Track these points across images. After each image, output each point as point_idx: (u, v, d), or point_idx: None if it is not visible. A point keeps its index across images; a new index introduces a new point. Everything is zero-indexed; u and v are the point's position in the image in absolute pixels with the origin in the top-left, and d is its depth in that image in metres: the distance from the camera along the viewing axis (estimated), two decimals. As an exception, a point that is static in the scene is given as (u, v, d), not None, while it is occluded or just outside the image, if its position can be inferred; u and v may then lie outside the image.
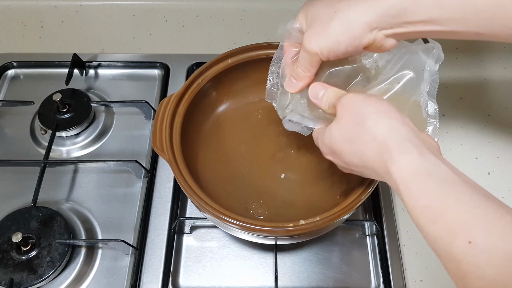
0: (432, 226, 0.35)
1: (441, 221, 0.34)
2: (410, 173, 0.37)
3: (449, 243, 0.33)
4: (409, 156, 0.37)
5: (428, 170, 0.36)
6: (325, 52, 0.44)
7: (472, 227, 0.32)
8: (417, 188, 0.36)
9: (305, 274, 0.61)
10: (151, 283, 0.59)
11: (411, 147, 0.38)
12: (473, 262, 0.32)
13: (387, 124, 0.40)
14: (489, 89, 0.77)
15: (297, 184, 0.61)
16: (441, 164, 0.36)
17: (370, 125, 0.40)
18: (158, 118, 0.56)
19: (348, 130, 0.42)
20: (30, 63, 0.79)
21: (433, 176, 0.36)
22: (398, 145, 0.38)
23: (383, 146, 0.39)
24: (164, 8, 0.87)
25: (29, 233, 0.59)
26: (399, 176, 0.37)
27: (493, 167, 0.69)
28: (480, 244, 0.32)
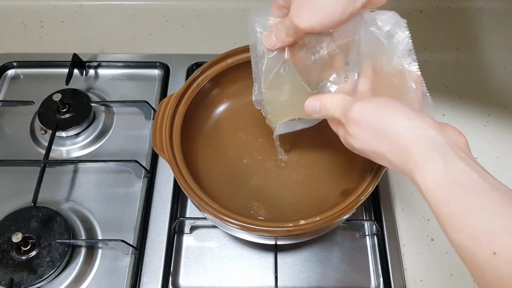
0: (457, 235, 0.34)
1: (466, 230, 0.34)
2: (435, 183, 0.36)
3: (473, 253, 0.33)
4: (434, 165, 0.37)
5: (454, 179, 0.35)
6: (317, 27, 0.43)
7: (496, 238, 0.32)
8: (442, 197, 0.36)
9: (305, 274, 0.61)
10: (151, 283, 0.59)
11: (435, 155, 0.37)
12: (497, 273, 0.32)
13: (410, 132, 0.38)
14: (489, 89, 0.77)
15: (297, 184, 0.61)
16: (468, 171, 0.36)
17: (391, 138, 0.39)
18: (158, 118, 0.56)
19: (368, 144, 0.41)
20: (30, 63, 0.79)
21: (458, 185, 0.35)
22: (422, 154, 0.37)
23: (408, 155, 0.38)
24: (164, 8, 0.87)
25: (29, 233, 0.59)
26: (425, 186, 0.37)
27: (493, 167, 0.69)
28: (504, 255, 0.31)
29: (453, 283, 0.60)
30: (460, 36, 0.84)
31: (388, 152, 0.40)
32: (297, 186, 0.61)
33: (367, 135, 0.41)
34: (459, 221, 0.34)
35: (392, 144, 0.39)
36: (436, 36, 0.84)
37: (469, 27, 0.85)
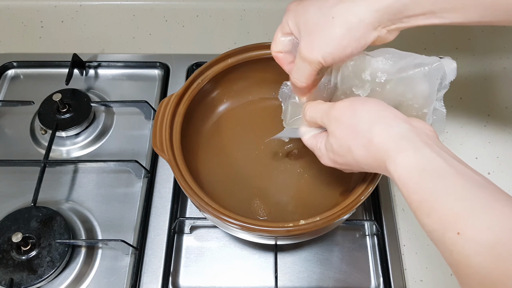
0: (427, 219, 0.36)
1: (434, 214, 0.36)
2: (406, 170, 0.38)
3: (442, 235, 0.35)
4: (404, 155, 0.38)
5: (422, 166, 0.37)
6: (329, 59, 0.44)
7: (460, 219, 0.34)
8: (412, 184, 0.37)
9: (305, 274, 0.61)
10: (151, 283, 0.59)
11: (405, 145, 0.39)
12: (462, 251, 0.33)
13: (380, 124, 0.41)
14: (489, 89, 0.77)
15: (297, 184, 0.61)
16: (435, 157, 0.37)
17: (364, 131, 0.41)
18: (158, 118, 0.56)
19: (346, 140, 0.43)
20: (30, 63, 0.79)
21: (426, 171, 0.37)
22: (393, 146, 0.39)
23: (381, 148, 0.40)
24: (164, 8, 0.87)
25: (29, 233, 0.59)
26: (397, 175, 0.39)
27: (493, 167, 0.69)
28: (467, 234, 0.33)
29: (453, 283, 0.60)
30: (460, 36, 0.84)
31: (361, 146, 0.42)
32: (297, 186, 0.61)
33: (345, 131, 0.43)
34: (428, 206, 0.36)
35: (364, 137, 0.41)
36: (436, 36, 0.84)
37: (469, 27, 0.85)
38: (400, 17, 0.42)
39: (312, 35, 0.44)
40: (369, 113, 0.42)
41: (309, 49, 0.44)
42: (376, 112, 0.42)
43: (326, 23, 0.43)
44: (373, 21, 0.42)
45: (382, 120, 0.41)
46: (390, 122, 0.41)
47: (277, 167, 0.62)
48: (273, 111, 0.66)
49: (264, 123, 0.65)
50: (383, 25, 0.43)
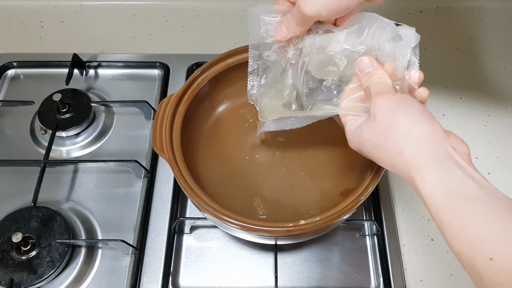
0: (455, 241, 0.36)
1: (463, 237, 0.35)
2: (435, 191, 0.37)
3: (471, 259, 0.34)
4: (434, 174, 0.38)
5: (452, 187, 0.37)
6: (324, 13, 0.44)
7: (492, 245, 0.33)
8: (441, 204, 0.37)
9: (305, 274, 0.61)
10: (151, 283, 0.59)
11: (436, 164, 0.38)
12: (493, 278, 0.33)
13: (416, 137, 0.40)
14: (489, 89, 0.77)
15: (297, 184, 0.61)
16: (466, 179, 0.37)
17: (399, 137, 0.40)
18: (158, 118, 0.56)
19: (377, 137, 0.42)
20: (30, 63, 0.79)
21: (456, 193, 0.36)
22: (424, 162, 0.38)
23: (410, 162, 0.39)
24: (164, 8, 0.87)
25: (29, 233, 0.59)
26: (425, 193, 0.38)
27: (493, 167, 0.69)
28: (499, 261, 0.32)
29: (453, 283, 0.60)
30: (460, 36, 0.84)
31: (391, 152, 0.41)
32: (297, 186, 0.61)
33: (379, 127, 0.42)
34: (457, 228, 0.35)
35: (396, 145, 0.40)
36: (436, 36, 0.84)
37: (469, 27, 0.85)
38: None
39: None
40: (409, 121, 0.41)
41: (305, 4, 0.44)
42: (416, 124, 0.40)
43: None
44: None
45: (419, 134, 0.40)
46: (427, 137, 0.39)
47: (277, 167, 0.62)
48: (273, 111, 0.66)
49: (264, 123, 0.65)
50: None
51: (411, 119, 0.41)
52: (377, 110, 0.42)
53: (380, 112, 0.42)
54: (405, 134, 0.40)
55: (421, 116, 0.41)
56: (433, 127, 0.40)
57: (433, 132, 0.40)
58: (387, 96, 0.43)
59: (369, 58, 0.46)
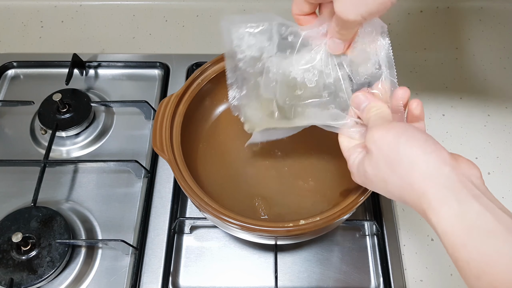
0: (476, 282, 0.34)
1: (484, 278, 0.33)
2: (451, 226, 0.35)
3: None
4: (449, 208, 0.35)
5: (469, 222, 0.34)
6: (367, 16, 0.41)
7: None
8: (459, 242, 0.35)
9: (305, 274, 0.61)
10: (151, 283, 0.59)
11: (449, 196, 0.36)
12: None
13: (423, 168, 0.37)
14: (489, 89, 0.77)
15: (297, 183, 0.61)
16: (483, 212, 0.34)
17: (406, 171, 0.38)
18: (158, 118, 0.56)
19: (383, 171, 0.40)
20: (30, 63, 0.79)
21: (473, 228, 0.34)
22: (436, 195, 0.36)
23: (421, 194, 0.37)
24: (164, 8, 0.87)
25: (29, 233, 0.59)
26: (440, 229, 0.36)
27: (493, 167, 0.69)
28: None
29: (453, 283, 0.60)
30: (460, 36, 0.84)
31: (399, 185, 0.39)
32: (297, 186, 0.61)
33: (383, 162, 0.40)
34: (478, 268, 0.33)
35: (404, 178, 0.38)
36: (436, 36, 0.84)
37: (469, 27, 0.85)
38: None
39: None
40: (414, 152, 0.38)
41: (346, 10, 0.41)
42: (422, 155, 0.38)
43: None
44: None
45: (426, 164, 0.37)
46: (435, 168, 0.37)
47: (277, 167, 0.62)
48: (273, 111, 0.66)
49: (264, 123, 0.65)
50: None
51: (416, 151, 0.38)
52: (377, 145, 0.40)
53: (380, 147, 0.40)
54: (412, 167, 0.38)
55: (425, 147, 0.38)
56: (440, 156, 0.37)
57: (441, 162, 0.37)
58: (385, 129, 0.41)
59: (363, 93, 0.46)
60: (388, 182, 0.40)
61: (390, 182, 0.40)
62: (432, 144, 0.39)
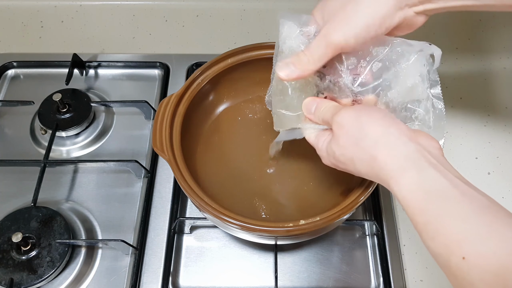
0: (431, 242, 0.36)
1: (438, 238, 0.35)
2: (410, 192, 0.37)
3: (447, 259, 0.34)
4: (408, 175, 0.38)
5: (426, 188, 0.37)
6: (351, 41, 0.42)
7: (465, 244, 0.33)
8: (417, 206, 0.37)
9: (305, 274, 0.61)
10: (151, 283, 0.59)
11: (409, 165, 0.38)
12: (467, 277, 0.33)
13: (385, 142, 0.40)
14: (489, 89, 0.77)
15: (297, 183, 0.61)
16: (439, 178, 0.37)
17: (368, 147, 0.40)
18: (158, 118, 0.56)
19: (348, 151, 0.42)
20: (30, 63, 0.79)
21: (430, 193, 0.36)
22: (397, 166, 0.39)
23: (384, 166, 0.39)
24: (164, 8, 0.87)
25: (29, 233, 0.59)
26: (401, 196, 0.38)
27: (493, 167, 0.69)
28: (472, 260, 0.33)
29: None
30: (460, 36, 0.84)
31: (364, 161, 0.41)
32: (297, 186, 0.61)
33: (348, 141, 0.42)
34: (433, 229, 0.36)
35: (368, 153, 0.40)
36: (436, 36, 0.84)
37: (469, 27, 0.85)
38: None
39: (335, 18, 0.43)
40: (375, 128, 0.41)
41: (331, 30, 0.43)
42: (382, 128, 0.40)
43: (350, 6, 0.42)
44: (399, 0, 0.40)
45: (387, 138, 0.40)
46: (395, 140, 0.40)
47: (278, 167, 0.62)
48: (273, 111, 0.66)
49: (264, 122, 0.65)
50: (410, 5, 0.41)
51: (376, 126, 0.41)
52: (340, 126, 0.43)
53: (343, 127, 0.42)
54: (374, 142, 0.40)
55: (384, 120, 0.41)
56: (399, 130, 0.40)
57: (400, 134, 0.40)
58: (346, 110, 0.43)
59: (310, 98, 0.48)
60: (355, 160, 0.42)
61: (357, 159, 0.42)
62: (390, 118, 0.41)
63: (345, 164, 0.44)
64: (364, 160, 0.41)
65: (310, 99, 0.48)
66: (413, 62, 0.45)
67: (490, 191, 0.37)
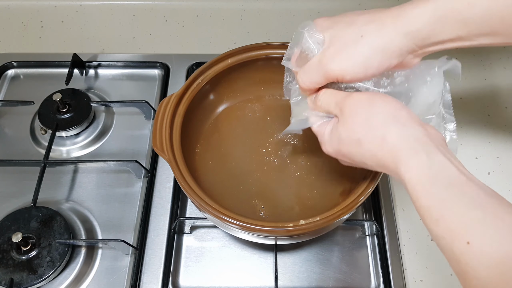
0: (435, 226, 0.36)
1: (443, 222, 0.35)
2: (417, 175, 0.38)
3: (450, 243, 0.35)
4: (417, 158, 0.38)
5: (434, 172, 0.37)
6: (347, 76, 0.43)
7: (470, 229, 0.34)
8: (422, 189, 0.37)
9: (305, 274, 0.61)
10: (151, 283, 0.59)
11: (419, 148, 0.38)
12: (470, 263, 0.33)
13: (396, 123, 0.40)
14: (489, 89, 0.77)
15: (297, 183, 0.61)
16: (447, 164, 0.37)
17: (379, 126, 0.41)
18: (158, 118, 0.56)
19: (357, 132, 0.42)
20: (30, 63, 0.79)
21: (438, 178, 0.37)
22: (407, 147, 0.39)
23: (393, 148, 0.39)
24: (164, 8, 0.87)
25: (29, 233, 0.59)
26: (407, 177, 0.38)
27: (493, 167, 0.69)
28: (476, 246, 0.33)
29: (453, 283, 0.60)
30: (460, 36, 0.84)
31: (373, 141, 0.41)
32: (297, 186, 0.61)
33: (358, 122, 0.42)
34: (437, 213, 0.36)
35: (378, 133, 0.41)
36: (436, 36, 0.84)
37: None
38: (428, 42, 0.41)
39: (337, 46, 0.43)
40: (387, 110, 0.41)
41: (330, 59, 0.43)
42: (394, 110, 0.41)
43: (354, 40, 0.42)
44: (400, 46, 0.41)
45: (398, 119, 0.40)
46: (406, 122, 0.40)
47: (277, 167, 0.62)
48: (273, 111, 0.66)
49: (264, 122, 0.65)
50: (410, 51, 0.42)
51: (389, 108, 0.41)
52: (352, 107, 0.43)
53: (355, 108, 0.43)
54: (385, 121, 0.40)
55: (397, 104, 0.42)
56: (409, 113, 0.41)
57: (411, 118, 0.40)
58: (357, 95, 0.44)
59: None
60: (362, 141, 0.42)
61: (364, 140, 0.42)
62: (402, 104, 0.42)
63: (350, 147, 0.43)
64: (372, 141, 0.41)
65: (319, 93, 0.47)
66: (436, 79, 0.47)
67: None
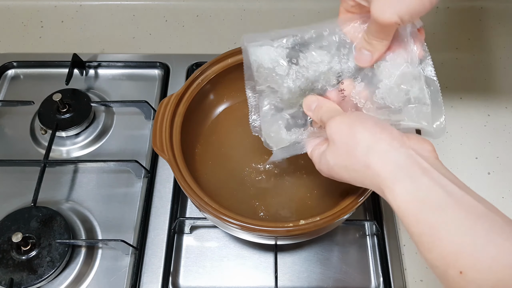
0: (428, 254, 0.35)
1: (434, 250, 0.34)
2: (405, 202, 0.37)
3: (443, 272, 0.34)
4: (401, 185, 0.37)
5: (421, 197, 0.36)
6: (406, 17, 0.39)
7: (461, 257, 0.33)
8: (412, 216, 0.36)
9: (305, 274, 0.61)
10: (151, 283, 0.59)
11: (401, 174, 0.37)
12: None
13: (377, 151, 0.39)
14: (489, 89, 0.77)
15: (297, 183, 0.61)
16: (433, 187, 0.36)
17: (361, 156, 0.40)
18: (158, 118, 0.56)
19: (342, 159, 0.42)
20: (30, 63, 0.79)
21: (425, 202, 0.36)
22: (390, 176, 0.38)
23: (377, 175, 0.39)
24: (164, 8, 0.87)
25: (29, 233, 0.59)
26: (395, 206, 0.37)
27: (493, 167, 0.69)
28: (468, 275, 0.32)
29: (453, 283, 0.60)
30: (460, 36, 0.84)
31: (358, 170, 0.40)
32: (297, 186, 0.61)
33: (342, 150, 0.42)
34: (429, 241, 0.35)
35: (361, 161, 0.40)
36: (436, 36, 0.84)
37: (469, 27, 0.85)
38: None
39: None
40: (367, 136, 0.40)
41: (382, 10, 0.40)
42: (374, 135, 0.40)
43: None
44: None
45: (379, 145, 0.39)
46: (387, 147, 0.39)
47: (278, 167, 0.62)
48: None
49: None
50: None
51: (369, 133, 0.40)
52: (334, 133, 0.42)
53: (337, 135, 0.42)
54: (367, 149, 0.39)
55: (376, 128, 0.40)
56: (390, 135, 0.40)
57: (392, 139, 0.39)
58: (340, 118, 0.43)
59: (312, 94, 0.47)
60: (348, 168, 0.41)
61: (351, 167, 0.41)
62: (381, 125, 0.41)
63: (339, 174, 0.43)
64: (357, 169, 0.40)
65: (312, 97, 0.48)
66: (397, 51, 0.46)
67: (490, 191, 0.37)
